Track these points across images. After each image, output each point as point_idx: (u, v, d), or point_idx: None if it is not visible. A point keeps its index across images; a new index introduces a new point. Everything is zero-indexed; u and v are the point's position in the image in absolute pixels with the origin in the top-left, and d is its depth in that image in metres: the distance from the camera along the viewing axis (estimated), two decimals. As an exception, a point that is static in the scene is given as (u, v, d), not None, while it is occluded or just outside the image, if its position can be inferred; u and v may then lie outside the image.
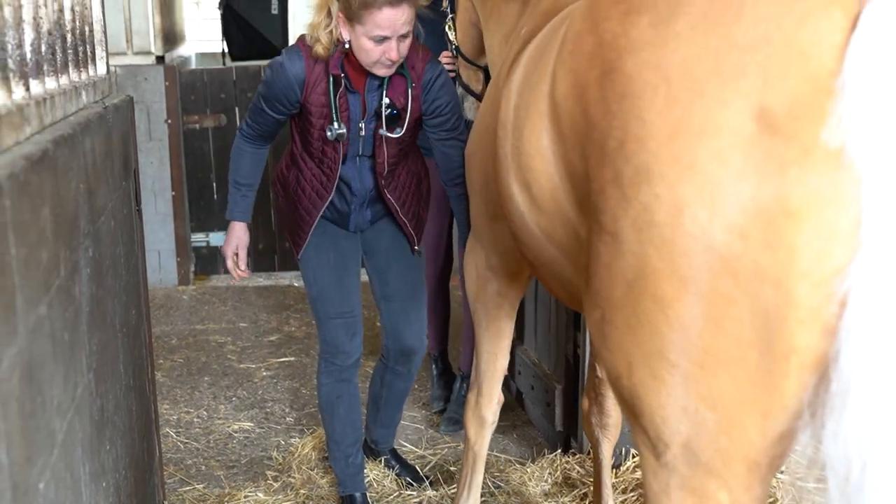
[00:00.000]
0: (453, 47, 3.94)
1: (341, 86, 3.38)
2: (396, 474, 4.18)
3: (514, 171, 2.39)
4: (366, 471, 4.05)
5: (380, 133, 3.48)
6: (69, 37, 2.55)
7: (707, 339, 1.67)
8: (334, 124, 3.40)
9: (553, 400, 4.35)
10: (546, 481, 4.12)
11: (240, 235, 3.73)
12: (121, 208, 2.81)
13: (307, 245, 3.66)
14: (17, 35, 1.93)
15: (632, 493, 3.89)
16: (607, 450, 3.51)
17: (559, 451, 4.30)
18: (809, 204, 1.55)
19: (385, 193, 3.61)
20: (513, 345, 4.60)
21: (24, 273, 1.46)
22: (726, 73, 1.61)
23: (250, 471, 4.35)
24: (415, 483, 4.13)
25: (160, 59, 7.27)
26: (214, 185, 7.37)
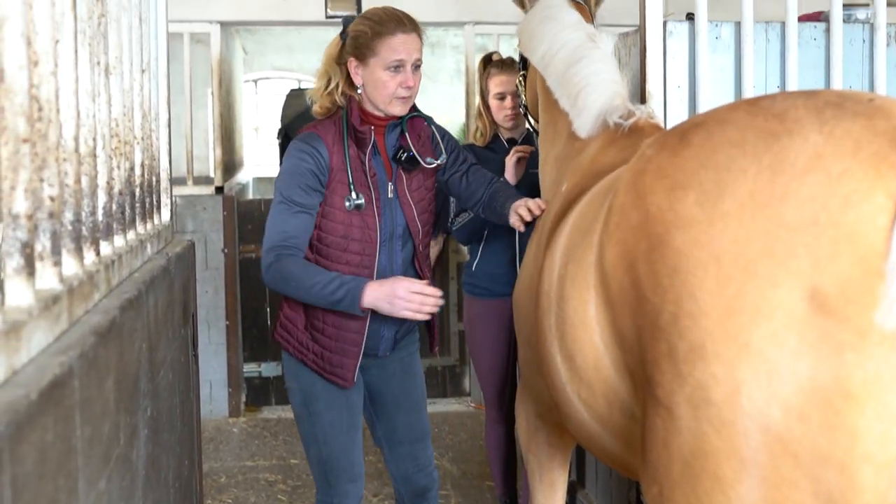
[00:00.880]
0: (522, 104, 3.99)
1: (367, 146, 3.32)
2: None
3: (558, 341, 2.44)
4: None
5: (404, 189, 3.39)
6: (138, 191, 2.68)
7: None
8: (352, 194, 3.28)
9: (612, 550, 4.30)
10: None
11: (386, 283, 3.16)
12: (178, 357, 2.90)
13: (318, 399, 3.42)
14: (92, 202, 2.05)
15: None
16: None
17: None
18: (869, 387, 1.58)
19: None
20: (574, 488, 4.59)
21: (87, 452, 1.53)
22: (777, 254, 1.67)
23: None
24: None
25: (219, 190, 7.49)
26: (268, 315, 7.50)
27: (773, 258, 1.67)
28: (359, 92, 3.34)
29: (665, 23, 3.75)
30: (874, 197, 1.58)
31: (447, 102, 12.02)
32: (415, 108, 3.49)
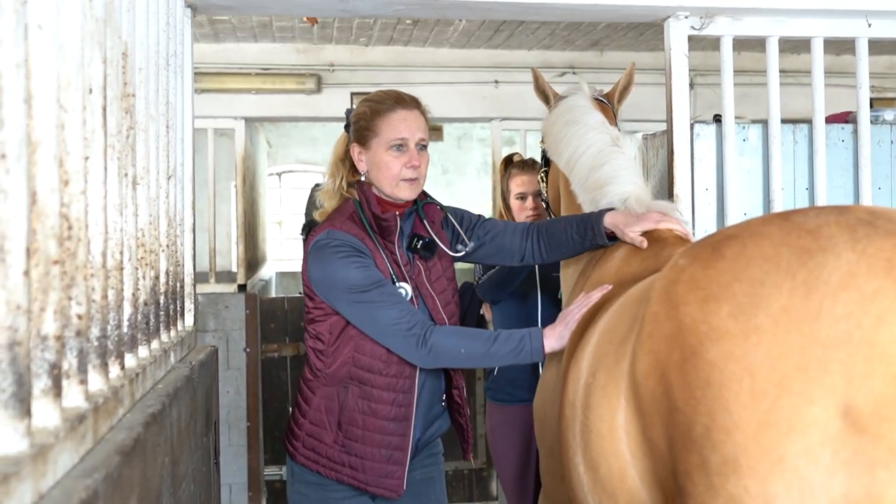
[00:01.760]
0: (543, 199, 3.99)
1: (394, 233, 3.14)
2: None
3: (582, 450, 2.45)
4: None
5: (423, 279, 3.21)
6: (162, 300, 2.74)
7: None
8: (398, 284, 3.10)
9: None
10: None
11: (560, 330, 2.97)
12: (200, 467, 2.92)
13: None
14: (118, 316, 2.11)
15: None
16: None
17: None
18: None
19: (454, 383, 3.32)
20: None
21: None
22: (811, 370, 1.70)
23: None
24: None
25: (241, 287, 7.57)
26: (290, 415, 7.51)
27: (807, 374, 1.70)
28: (363, 177, 3.18)
29: (692, 125, 3.81)
30: None
31: (474, 196, 12.18)
32: (425, 194, 3.32)
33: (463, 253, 3.38)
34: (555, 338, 2.93)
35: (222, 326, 7.08)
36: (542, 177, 3.97)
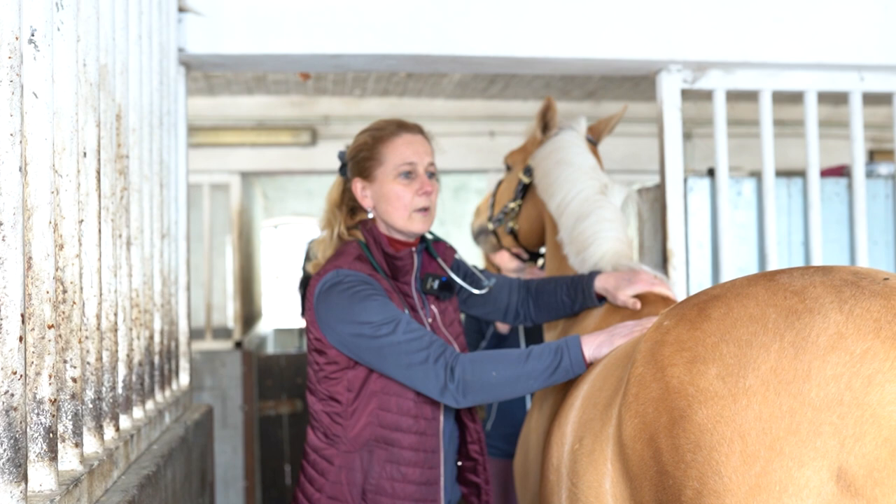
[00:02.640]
0: (512, 231, 3.91)
1: (410, 273, 2.92)
2: None
3: None
4: None
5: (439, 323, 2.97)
6: (157, 359, 2.79)
7: None
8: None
9: None
10: None
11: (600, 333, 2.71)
12: (195, 528, 2.95)
13: None
14: (112, 377, 2.15)
15: None
16: None
17: None
18: None
19: (470, 436, 3.03)
20: None
21: None
22: (802, 432, 1.73)
23: None
24: None
25: (238, 344, 7.61)
26: (287, 474, 7.52)
27: (798, 436, 1.72)
28: (370, 216, 2.93)
29: (686, 178, 3.88)
30: None
31: (473, 247, 12.22)
32: (429, 231, 3.07)
33: (486, 290, 3.21)
34: (595, 345, 2.64)
35: (219, 384, 7.11)
36: (514, 207, 3.98)
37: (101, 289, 2.10)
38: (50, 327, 1.64)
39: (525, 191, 3.76)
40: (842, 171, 4.09)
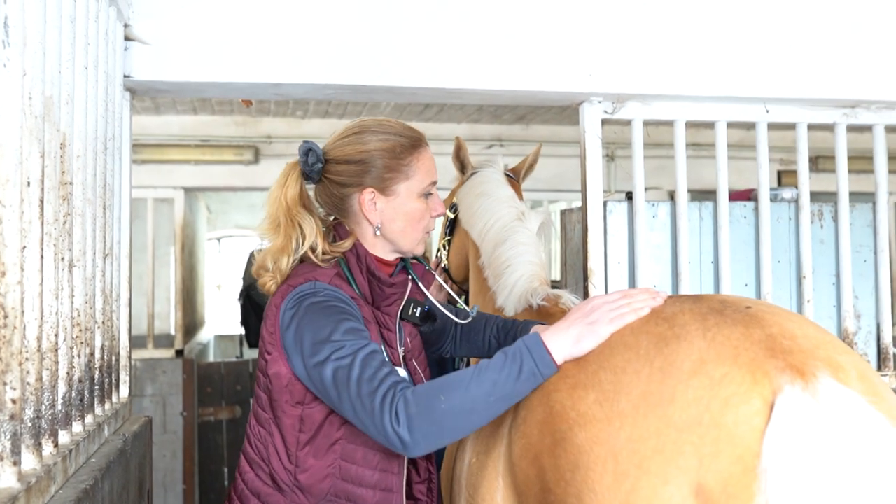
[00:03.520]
0: (444, 266, 4.06)
1: (398, 304, 2.57)
2: None
3: None
4: None
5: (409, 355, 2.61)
6: (97, 375, 2.78)
7: None
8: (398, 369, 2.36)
9: None
10: None
11: (565, 321, 2.21)
12: (133, 536, 2.94)
13: None
14: (52, 396, 2.15)
15: None
16: None
17: None
18: None
19: (419, 479, 2.61)
20: None
21: None
22: (667, 452, 1.80)
23: None
24: None
25: (179, 353, 7.56)
26: (225, 476, 7.49)
27: (663, 455, 1.80)
28: (377, 233, 2.52)
29: (605, 202, 3.95)
30: (751, 400, 1.73)
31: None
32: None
33: (469, 318, 2.85)
34: (571, 340, 2.12)
35: (159, 391, 7.08)
36: (444, 244, 4.06)
37: (43, 311, 2.10)
38: (-9, 352, 1.64)
39: (453, 226, 3.91)
40: (749, 195, 4.19)
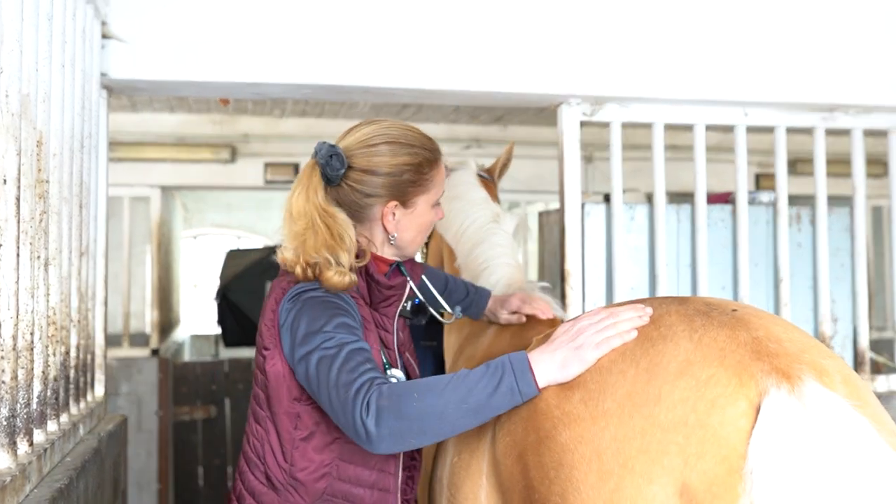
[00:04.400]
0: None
1: (397, 305, 2.58)
2: None
3: None
4: None
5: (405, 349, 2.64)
6: (73, 373, 2.77)
7: None
8: (388, 371, 2.43)
9: None
10: None
11: (551, 343, 2.14)
12: (107, 535, 2.93)
13: None
14: (27, 394, 2.14)
15: None
16: None
17: None
18: None
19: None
20: None
21: None
22: (651, 451, 1.81)
23: None
24: None
25: (154, 352, 7.53)
26: (201, 477, 7.46)
27: (648, 455, 1.81)
28: (393, 241, 2.53)
29: (583, 204, 3.96)
30: (737, 402, 1.75)
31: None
32: None
33: (453, 319, 2.95)
34: (556, 365, 2.07)
35: (135, 390, 7.04)
36: (422, 249, 4.05)
37: (19, 310, 2.09)
38: (-34, 351, 1.64)
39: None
40: (727, 198, 4.21)
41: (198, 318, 13.39)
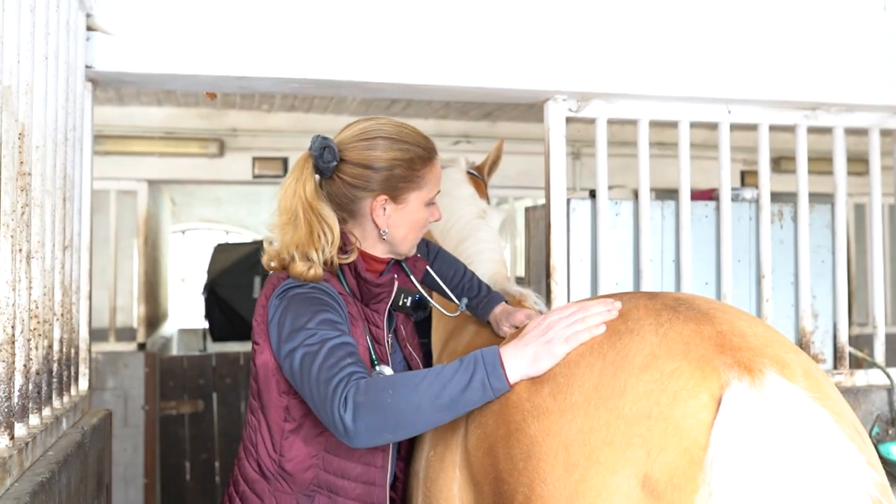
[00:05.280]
0: None
1: (385, 303, 2.60)
2: None
3: None
4: None
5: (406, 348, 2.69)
6: (55, 367, 2.76)
7: None
8: (375, 369, 2.47)
9: None
10: None
11: (523, 337, 2.14)
12: (90, 529, 2.92)
13: None
14: (8, 388, 2.13)
15: None
16: None
17: None
18: None
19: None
20: None
21: None
22: (616, 443, 1.83)
23: None
24: None
25: (141, 346, 7.52)
26: (188, 471, 7.45)
27: (612, 447, 1.83)
28: (385, 237, 2.56)
29: (569, 200, 3.96)
30: (699, 395, 1.77)
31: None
32: None
33: (458, 313, 2.96)
34: (528, 360, 2.07)
35: (121, 384, 7.03)
36: None
37: (0, 303, 2.08)
38: (-55, 343, 1.63)
39: None
40: (711, 195, 4.22)
41: (185, 312, 13.37)
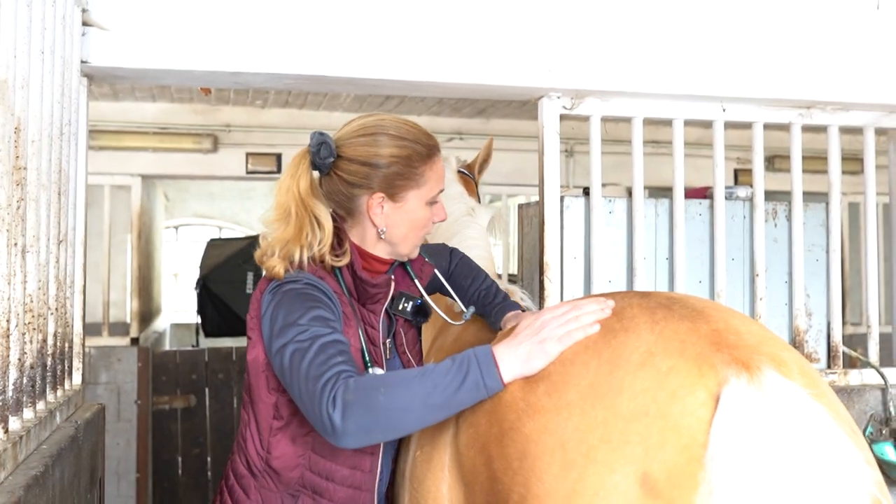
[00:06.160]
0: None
1: (381, 305, 2.55)
2: None
3: None
4: None
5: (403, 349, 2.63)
6: (49, 361, 2.75)
7: None
8: (369, 371, 2.40)
9: None
10: None
11: (516, 336, 2.12)
12: (84, 523, 2.92)
13: None
14: (2, 381, 2.13)
15: None
16: None
17: None
18: None
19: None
20: None
21: None
22: (613, 441, 1.82)
23: None
24: None
25: (134, 341, 7.51)
26: (180, 466, 7.45)
27: (610, 445, 1.82)
28: (383, 236, 2.50)
29: (562, 198, 3.97)
30: (697, 392, 1.76)
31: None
32: None
33: (463, 320, 2.83)
34: (521, 358, 2.05)
35: (114, 379, 7.02)
36: None
37: (-5, 296, 2.08)
38: (-59, 337, 1.63)
39: None
40: (705, 193, 4.23)
41: (178, 307, 13.36)
